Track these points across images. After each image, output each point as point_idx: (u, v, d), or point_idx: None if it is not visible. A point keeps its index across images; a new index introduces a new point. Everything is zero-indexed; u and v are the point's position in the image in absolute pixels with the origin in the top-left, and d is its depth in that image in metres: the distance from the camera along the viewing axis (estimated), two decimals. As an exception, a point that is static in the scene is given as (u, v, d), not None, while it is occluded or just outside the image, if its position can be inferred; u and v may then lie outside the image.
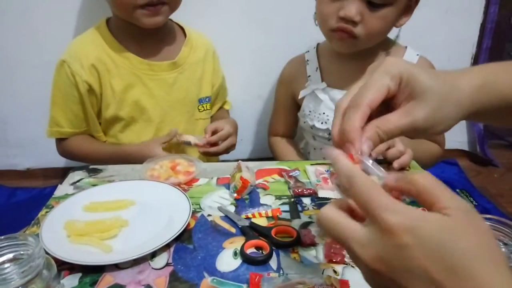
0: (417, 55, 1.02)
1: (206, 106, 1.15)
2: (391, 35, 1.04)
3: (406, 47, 1.03)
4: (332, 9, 0.89)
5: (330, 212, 0.36)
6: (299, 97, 1.07)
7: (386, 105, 0.42)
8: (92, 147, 1.05)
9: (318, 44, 1.11)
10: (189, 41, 1.10)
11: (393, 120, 0.41)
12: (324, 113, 1.02)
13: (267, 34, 1.41)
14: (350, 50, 0.95)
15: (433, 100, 0.41)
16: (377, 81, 0.40)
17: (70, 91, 1.00)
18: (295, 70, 1.12)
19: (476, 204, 0.83)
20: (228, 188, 0.76)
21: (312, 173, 0.81)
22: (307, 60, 1.09)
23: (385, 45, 1.00)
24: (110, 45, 1.01)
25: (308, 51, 1.11)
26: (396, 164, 0.79)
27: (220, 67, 1.22)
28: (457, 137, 1.72)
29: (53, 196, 0.75)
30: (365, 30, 0.88)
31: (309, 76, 1.07)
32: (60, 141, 1.08)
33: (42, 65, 1.11)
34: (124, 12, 0.94)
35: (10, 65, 1.39)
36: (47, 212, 0.68)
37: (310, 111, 1.05)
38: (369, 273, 0.33)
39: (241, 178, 0.73)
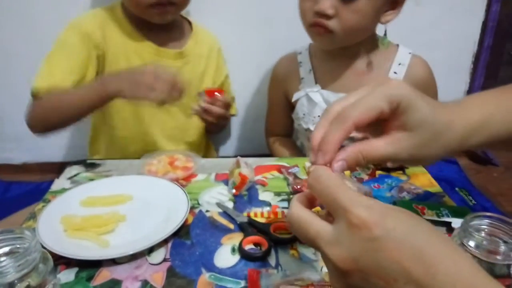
0: (410, 53, 1.00)
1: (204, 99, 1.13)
2: (390, 33, 1.03)
3: (398, 45, 1.02)
4: (309, 4, 0.89)
5: (296, 212, 0.35)
6: (293, 100, 1.05)
7: (374, 122, 0.41)
8: (67, 92, 0.90)
9: (310, 45, 1.10)
10: (195, 35, 1.10)
11: (379, 148, 0.40)
12: (319, 116, 1.01)
13: (267, 29, 1.40)
14: (330, 46, 0.94)
15: (423, 137, 0.40)
16: (372, 101, 0.39)
17: (77, 48, 0.96)
18: (287, 69, 1.11)
19: (475, 203, 0.83)
20: (227, 184, 0.76)
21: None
22: (300, 62, 1.07)
23: (376, 43, 0.99)
24: (121, 24, 1.01)
25: (301, 53, 1.09)
26: (389, 164, 0.79)
27: (224, 65, 1.21)
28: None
29: (49, 190, 0.74)
30: (340, 25, 0.86)
31: (302, 78, 1.05)
32: (35, 100, 0.94)
33: (38, 57, 1.10)
34: (136, 9, 0.97)
35: (6, 58, 1.38)
36: (43, 206, 0.67)
37: (304, 114, 1.04)
38: (337, 275, 0.32)
39: (240, 174, 0.72)
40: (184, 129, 1.11)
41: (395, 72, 0.98)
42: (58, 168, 0.84)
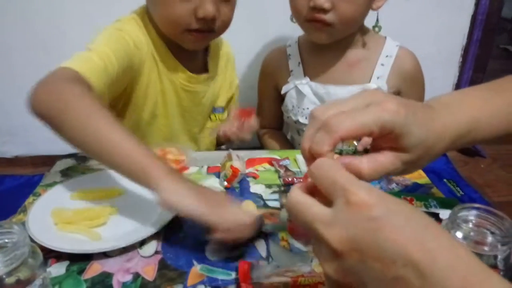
0: (397, 45, 1.01)
1: (218, 116, 1.08)
2: (370, 24, 1.03)
3: (385, 37, 1.03)
4: (303, 0, 0.88)
5: (296, 196, 0.35)
6: (282, 92, 1.06)
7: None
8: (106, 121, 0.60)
9: (299, 37, 1.10)
10: (213, 50, 1.02)
11: (372, 165, 0.39)
12: (308, 108, 1.02)
13: (261, 25, 1.39)
14: (329, 39, 0.94)
15: (415, 155, 0.41)
16: (363, 120, 0.37)
17: (126, 44, 0.79)
18: (276, 61, 1.11)
19: (463, 193, 0.84)
20: (219, 177, 0.76)
21: (302, 162, 0.81)
22: (289, 55, 1.07)
23: (364, 34, 1.00)
24: (155, 43, 0.87)
25: (290, 45, 1.09)
26: (360, 147, 0.80)
27: (235, 75, 1.14)
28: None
29: (40, 183, 0.74)
30: (338, 16, 0.87)
31: (292, 71, 1.06)
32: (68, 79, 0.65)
33: (33, 50, 1.09)
34: (170, 30, 0.84)
35: (-1, 51, 1.36)
36: (34, 199, 0.67)
37: (293, 106, 1.05)
38: (332, 258, 0.31)
39: (232, 167, 0.72)
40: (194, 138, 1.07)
41: (382, 64, 0.99)
42: (50, 161, 0.83)
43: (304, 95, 1.01)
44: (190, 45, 0.87)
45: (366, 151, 0.83)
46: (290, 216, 0.36)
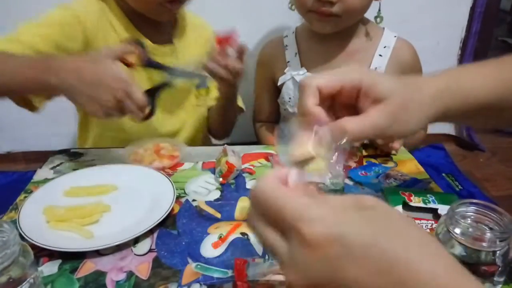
0: (395, 36, 1.01)
1: (202, 92, 1.08)
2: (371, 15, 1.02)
3: (383, 28, 1.02)
4: None
5: (253, 222, 0.31)
6: (278, 83, 1.05)
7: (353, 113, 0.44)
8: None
9: (296, 28, 1.09)
10: (180, 23, 1.03)
11: (357, 120, 0.42)
12: None
13: (254, 16, 1.38)
14: (333, 30, 0.93)
15: (394, 103, 0.42)
16: (332, 74, 0.42)
17: (63, 25, 0.82)
18: (273, 51, 1.10)
19: (462, 188, 0.84)
20: (214, 173, 0.75)
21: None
22: (286, 45, 1.06)
23: (363, 25, 1.00)
24: (117, 16, 0.90)
25: (287, 36, 1.08)
26: (392, 148, 0.79)
27: None
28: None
29: (32, 180, 0.73)
30: (344, 8, 0.86)
31: (288, 62, 1.05)
32: None
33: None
34: (144, 5, 0.87)
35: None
36: (25, 197, 0.66)
37: (290, 98, 1.04)
38: None
39: (227, 162, 0.71)
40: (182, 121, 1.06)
41: (380, 55, 0.98)
42: (43, 157, 0.82)
43: None
44: (165, 16, 0.91)
45: (365, 146, 0.82)
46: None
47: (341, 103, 0.44)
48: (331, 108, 0.44)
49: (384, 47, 0.99)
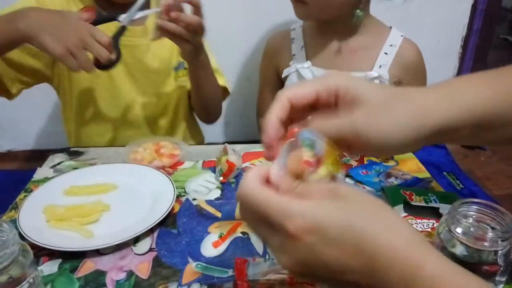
0: (401, 36, 1.01)
1: (183, 72, 1.06)
2: (380, 16, 1.02)
3: (390, 27, 1.02)
4: None
5: (247, 219, 0.35)
6: (283, 75, 1.05)
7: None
8: None
9: (303, 22, 1.09)
10: (153, 4, 0.98)
11: (332, 119, 0.39)
12: None
13: (256, 14, 1.37)
14: (306, 17, 0.96)
15: (374, 102, 0.38)
16: (306, 83, 0.41)
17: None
18: (279, 44, 1.10)
19: (463, 187, 0.83)
20: (214, 172, 0.75)
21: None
22: (293, 39, 1.07)
23: (369, 23, 0.99)
24: (84, 2, 0.91)
25: (294, 29, 1.09)
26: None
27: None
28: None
29: (32, 179, 0.73)
30: None
31: (294, 54, 1.05)
32: None
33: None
34: None
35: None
36: (25, 196, 0.66)
37: None
38: (295, 274, 0.35)
39: (227, 161, 0.71)
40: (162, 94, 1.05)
41: (385, 53, 0.98)
42: (43, 156, 0.82)
43: (305, 79, 1.00)
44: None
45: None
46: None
47: (323, 112, 0.41)
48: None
49: (390, 45, 0.99)
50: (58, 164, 0.77)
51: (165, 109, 1.06)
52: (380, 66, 0.97)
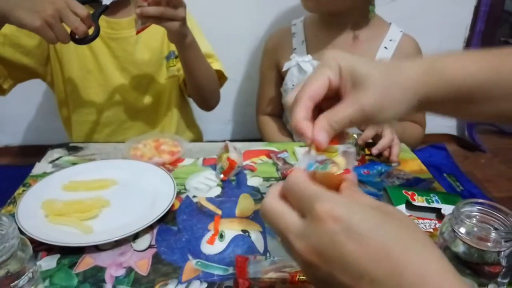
0: (401, 31, 1.03)
1: (174, 61, 1.06)
2: (384, 15, 1.02)
3: (390, 23, 1.04)
4: None
5: (270, 203, 0.35)
6: (283, 69, 1.06)
7: (338, 100, 0.42)
8: None
9: (305, 17, 1.10)
10: None
11: (340, 109, 0.40)
12: None
13: (258, 12, 1.37)
14: (314, 9, 0.97)
15: (376, 85, 0.40)
16: (316, 74, 0.41)
17: None
18: (280, 40, 1.11)
19: (463, 188, 0.83)
20: (215, 169, 0.74)
21: (301, 155, 0.79)
22: (294, 33, 1.08)
23: (369, 17, 1.01)
24: None
25: (295, 24, 1.09)
26: (394, 157, 0.78)
27: (192, 23, 1.03)
28: (446, 122, 1.72)
29: (30, 174, 0.72)
30: None
31: (295, 49, 1.06)
32: None
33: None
34: None
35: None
36: (24, 190, 0.65)
37: (293, 85, 1.04)
38: (306, 267, 0.32)
39: (228, 159, 0.71)
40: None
41: (385, 47, 1.00)
42: (41, 151, 0.81)
43: (306, 72, 1.00)
44: None
45: (368, 145, 0.81)
46: (264, 220, 0.36)
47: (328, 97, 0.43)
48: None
49: (390, 40, 1.01)
50: (57, 159, 0.77)
51: (158, 100, 1.07)
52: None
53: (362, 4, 0.98)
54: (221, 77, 1.09)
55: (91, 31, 0.75)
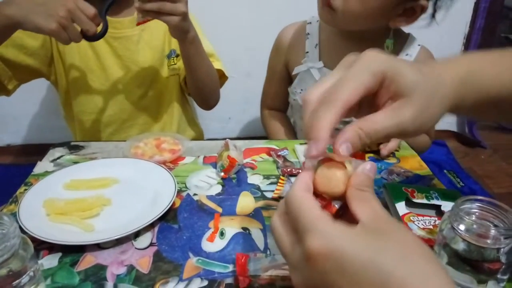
0: (419, 45, 0.96)
1: (175, 60, 1.07)
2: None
3: (409, 34, 0.98)
4: None
5: (274, 221, 0.34)
6: (293, 73, 1.03)
7: (367, 104, 0.39)
8: None
9: None
10: None
11: (379, 121, 0.36)
12: None
13: (258, 9, 1.37)
14: (329, 22, 0.90)
15: (420, 99, 0.37)
16: (355, 77, 0.35)
17: None
18: (294, 37, 1.05)
19: (463, 185, 0.83)
20: (215, 167, 0.74)
21: (301, 152, 0.79)
22: (308, 34, 1.02)
23: (394, 36, 0.93)
24: None
25: (310, 23, 1.03)
26: (385, 151, 0.78)
27: (194, 22, 1.02)
28: (446, 118, 1.72)
29: (32, 173, 0.72)
30: (342, 6, 0.83)
31: (307, 52, 1.01)
32: None
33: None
34: None
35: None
36: (25, 189, 0.65)
37: (302, 90, 1.02)
38: None
39: (229, 157, 0.71)
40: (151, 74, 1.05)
41: None
42: (43, 150, 0.82)
43: (315, 79, 0.97)
44: None
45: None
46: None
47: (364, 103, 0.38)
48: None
49: (406, 54, 0.95)
50: (59, 158, 0.77)
51: (160, 98, 1.07)
52: None
53: (382, 27, 0.90)
54: (221, 77, 1.09)
55: (99, 28, 0.76)
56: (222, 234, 0.58)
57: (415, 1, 0.80)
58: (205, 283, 0.50)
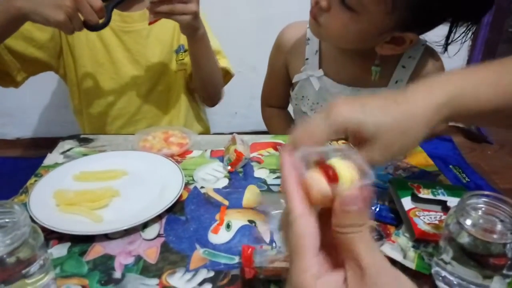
0: (423, 45, 0.89)
1: (183, 55, 1.07)
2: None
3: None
4: None
5: (281, 232, 0.36)
6: (293, 80, 1.01)
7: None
8: None
9: None
10: None
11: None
12: (318, 103, 0.97)
13: (264, 3, 1.36)
14: (317, 35, 0.87)
15: (385, 139, 0.42)
16: (319, 134, 0.40)
17: None
18: (295, 40, 1.02)
19: (469, 180, 0.83)
20: (222, 161, 0.75)
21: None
22: (308, 39, 0.98)
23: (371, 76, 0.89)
24: None
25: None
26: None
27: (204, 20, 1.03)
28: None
29: (42, 164, 0.73)
30: (327, 23, 0.79)
31: (307, 59, 0.97)
32: None
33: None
34: None
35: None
36: (36, 180, 0.66)
37: (303, 97, 1.01)
38: None
39: (235, 151, 0.71)
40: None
41: (403, 66, 0.89)
42: (52, 143, 0.82)
43: (315, 89, 0.95)
44: None
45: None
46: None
47: None
48: None
49: (409, 57, 0.88)
50: (68, 150, 0.78)
51: (168, 93, 1.08)
52: (396, 82, 0.89)
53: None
54: (227, 75, 1.10)
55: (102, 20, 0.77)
56: (228, 226, 0.59)
57: (402, 32, 0.78)
58: (212, 274, 0.51)
